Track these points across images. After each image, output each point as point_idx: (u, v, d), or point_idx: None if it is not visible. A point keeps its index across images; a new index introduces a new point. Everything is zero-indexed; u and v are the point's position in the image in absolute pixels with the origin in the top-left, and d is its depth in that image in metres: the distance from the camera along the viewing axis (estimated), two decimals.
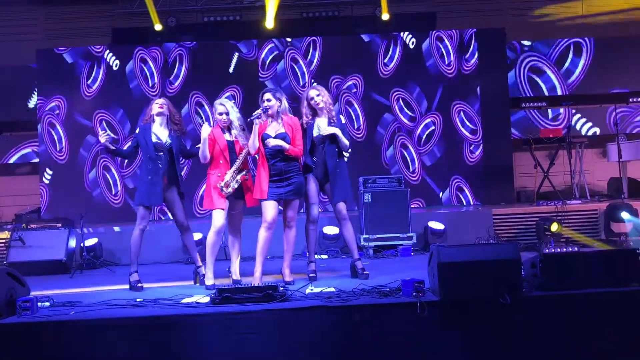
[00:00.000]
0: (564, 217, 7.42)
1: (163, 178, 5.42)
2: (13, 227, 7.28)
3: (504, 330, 4.17)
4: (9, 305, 4.29)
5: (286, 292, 4.44)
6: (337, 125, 5.43)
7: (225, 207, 5.36)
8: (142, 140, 5.43)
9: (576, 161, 8.62)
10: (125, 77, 9.12)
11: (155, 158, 5.39)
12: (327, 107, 5.46)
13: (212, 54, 9.24)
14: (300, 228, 5.49)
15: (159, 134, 5.46)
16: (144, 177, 5.41)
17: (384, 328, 4.18)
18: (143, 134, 5.45)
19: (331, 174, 5.44)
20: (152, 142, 5.39)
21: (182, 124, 5.65)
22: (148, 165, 5.40)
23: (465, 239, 7.10)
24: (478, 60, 9.17)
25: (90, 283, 5.98)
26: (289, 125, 5.29)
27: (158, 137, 5.44)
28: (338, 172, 5.43)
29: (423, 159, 9.08)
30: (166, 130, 5.50)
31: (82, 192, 8.80)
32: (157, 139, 5.43)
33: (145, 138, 5.42)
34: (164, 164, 5.43)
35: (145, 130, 5.46)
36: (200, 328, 4.16)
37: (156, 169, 5.38)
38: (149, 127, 5.46)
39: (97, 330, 4.15)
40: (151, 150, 5.38)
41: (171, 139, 5.48)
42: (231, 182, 5.33)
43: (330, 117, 5.46)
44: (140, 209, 5.42)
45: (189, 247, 5.74)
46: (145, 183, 5.40)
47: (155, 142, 5.41)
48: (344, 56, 9.16)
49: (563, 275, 4.34)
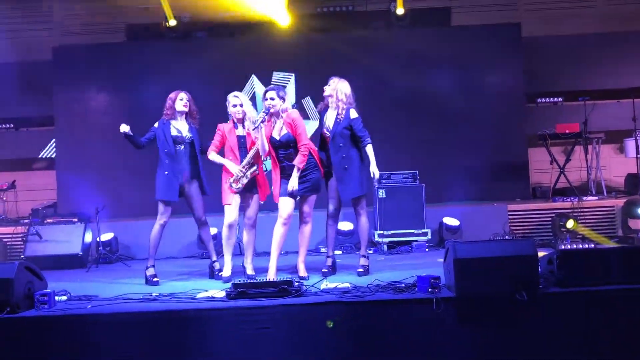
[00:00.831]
0: (580, 214, 7.36)
1: (183, 172, 5.43)
2: (30, 222, 7.35)
3: (520, 327, 4.15)
4: (27, 298, 4.34)
5: (301, 287, 4.45)
6: (344, 120, 5.39)
7: (234, 202, 5.39)
8: (160, 135, 5.45)
9: (592, 157, 8.52)
10: (141, 71, 9.12)
11: (173, 153, 5.40)
12: (337, 102, 5.43)
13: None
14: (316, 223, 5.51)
15: (180, 127, 5.50)
16: (162, 173, 5.43)
17: (399, 324, 4.17)
18: (162, 128, 5.47)
19: (335, 170, 5.42)
20: (172, 137, 5.42)
21: (197, 119, 5.66)
22: (165, 161, 5.42)
23: (480, 235, 7.05)
24: (494, 55, 9.08)
25: (106, 277, 6.02)
26: (289, 124, 5.26)
27: (179, 130, 5.48)
28: (345, 168, 5.38)
29: None
30: (186, 124, 5.53)
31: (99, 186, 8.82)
32: (177, 132, 5.46)
33: (165, 133, 5.45)
34: (185, 158, 5.45)
35: (164, 125, 5.49)
36: (216, 322, 4.18)
37: (173, 164, 5.40)
38: (169, 122, 5.48)
39: (114, 324, 4.19)
40: (170, 145, 5.40)
41: (192, 133, 5.50)
42: (241, 178, 5.35)
43: (339, 112, 5.43)
44: (160, 204, 5.45)
45: (205, 242, 5.77)
46: (162, 178, 5.42)
47: (175, 136, 5.44)
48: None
49: (580, 272, 4.31)
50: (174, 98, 5.52)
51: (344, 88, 5.47)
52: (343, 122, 5.39)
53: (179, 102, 5.49)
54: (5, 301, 4.18)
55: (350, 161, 5.41)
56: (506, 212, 7.56)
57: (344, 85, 5.49)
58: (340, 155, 5.40)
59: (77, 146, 8.96)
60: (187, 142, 5.47)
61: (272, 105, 5.22)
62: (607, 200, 7.80)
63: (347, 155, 5.41)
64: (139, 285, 5.33)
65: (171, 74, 8.92)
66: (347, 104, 5.43)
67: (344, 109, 5.42)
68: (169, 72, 8.97)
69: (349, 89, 5.51)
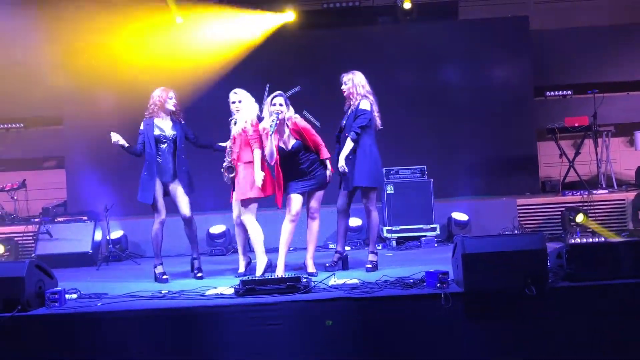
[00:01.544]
0: (590, 207, 7.32)
1: (166, 171, 5.41)
2: (40, 221, 7.41)
3: (529, 322, 4.14)
4: (38, 297, 4.38)
5: (309, 283, 4.46)
6: (354, 111, 5.38)
7: (234, 199, 5.55)
8: (145, 136, 5.43)
9: (602, 150, 8.47)
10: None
11: (154, 154, 5.38)
12: (356, 95, 5.42)
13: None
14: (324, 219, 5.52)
15: (163, 126, 5.46)
16: (142, 173, 5.43)
17: (408, 319, 4.17)
18: (146, 129, 5.44)
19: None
20: (155, 136, 5.40)
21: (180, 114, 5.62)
22: (146, 161, 5.42)
23: (489, 229, 7.04)
24: (502, 48, 9.03)
25: (116, 275, 6.06)
26: (295, 131, 5.27)
27: (162, 129, 5.44)
28: (350, 158, 5.34)
29: None
30: (170, 122, 5.50)
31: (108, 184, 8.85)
32: (160, 131, 5.43)
33: (147, 133, 5.42)
34: (169, 157, 5.43)
35: (148, 125, 5.45)
36: (225, 319, 4.19)
37: (151, 164, 5.38)
38: (152, 121, 5.45)
39: (124, 321, 4.22)
40: (152, 146, 5.38)
41: (175, 130, 5.47)
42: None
43: (353, 103, 5.43)
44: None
45: (188, 239, 5.68)
46: (141, 179, 5.42)
47: (158, 135, 5.41)
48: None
49: (590, 266, 4.28)
50: (164, 97, 5.45)
51: (359, 80, 5.47)
52: (352, 113, 5.41)
53: (169, 102, 5.47)
54: (17, 299, 4.21)
55: (355, 153, 5.38)
56: (515, 207, 7.53)
57: (359, 77, 5.49)
58: (341, 149, 5.42)
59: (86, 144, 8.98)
60: (170, 140, 5.44)
61: (282, 111, 5.20)
62: (617, 194, 7.75)
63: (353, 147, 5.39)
64: (149, 282, 5.35)
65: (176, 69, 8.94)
66: (362, 95, 5.42)
67: (358, 101, 5.42)
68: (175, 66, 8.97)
69: (364, 79, 5.51)
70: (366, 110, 5.37)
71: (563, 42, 9.28)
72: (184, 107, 5.76)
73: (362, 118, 5.34)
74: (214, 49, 9.00)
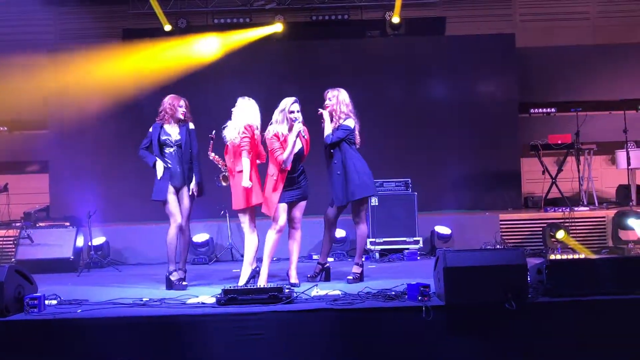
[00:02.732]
0: (572, 224, 7.39)
1: (175, 175, 5.45)
2: (22, 225, 7.34)
3: (509, 336, 4.17)
4: (17, 302, 4.33)
5: (291, 294, 4.46)
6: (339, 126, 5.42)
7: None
8: (153, 140, 5.50)
9: (584, 167, 8.57)
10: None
11: (159, 156, 5.46)
12: (339, 113, 5.46)
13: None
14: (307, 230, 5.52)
15: (170, 131, 5.51)
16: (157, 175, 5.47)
17: (389, 331, 4.18)
18: (153, 132, 5.52)
19: (329, 175, 5.50)
20: (161, 140, 5.47)
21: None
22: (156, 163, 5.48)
23: (471, 244, 7.09)
24: (488, 65, 9.14)
25: (97, 282, 6.01)
26: (303, 138, 5.37)
27: (168, 134, 5.49)
28: (338, 174, 5.41)
29: None
30: (177, 128, 5.54)
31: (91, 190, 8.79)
32: (167, 135, 5.48)
33: (153, 136, 5.50)
34: (174, 161, 5.47)
35: (155, 128, 5.53)
36: (206, 328, 4.18)
37: (163, 166, 5.44)
38: (159, 126, 5.52)
39: (104, 329, 4.18)
40: (156, 149, 5.47)
41: (181, 136, 5.51)
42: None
43: (336, 122, 5.46)
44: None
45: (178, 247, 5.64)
46: (155, 180, 5.46)
47: (164, 140, 5.47)
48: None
49: (569, 282, 4.33)
50: (176, 105, 5.52)
51: (344, 98, 5.52)
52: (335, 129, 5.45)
53: (179, 110, 5.52)
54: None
55: (331, 168, 5.46)
56: (498, 222, 7.60)
57: (343, 95, 5.54)
58: (333, 162, 5.45)
59: (71, 149, 8.93)
60: (175, 145, 5.48)
61: (298, 117, 5.28)
62: (598, 211, 7.84)
63: (330, 162, 5.47)
64: (130, 289, 5.32)
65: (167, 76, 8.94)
66: (346, 114, 5.46)
67: (341, 119, 5.45)
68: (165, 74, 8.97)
69: (348, 97, 5.56)
70: (349, 127, 5.43)
71: (548, 60, 9.42)
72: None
73: (342, 131, 5.40)
74: (203, 59, 9.04)
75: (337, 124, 5.44)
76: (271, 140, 5.28)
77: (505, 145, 9.07)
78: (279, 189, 5.28)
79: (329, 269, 5.68)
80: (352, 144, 5.46)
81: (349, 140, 5.43)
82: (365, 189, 5.40)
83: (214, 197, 6.23)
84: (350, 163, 5.40)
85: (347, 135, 5.41)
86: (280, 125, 5.30)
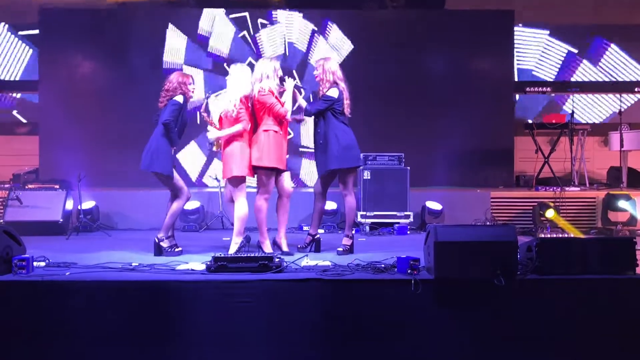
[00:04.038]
0: (562, 204, 7.43)
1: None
2: (11, 187, 7.27)
3: (496, 311, 4.20)
4: (5, 263, 4.31)
5: (282, 263, 4.46)
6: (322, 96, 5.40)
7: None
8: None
9: (577, 148, 8.59)
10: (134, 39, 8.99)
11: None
12: (325, 81, 5.42)
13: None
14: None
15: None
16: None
17: (377, 303, 4.20)
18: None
19: (314, 145, 5.52)
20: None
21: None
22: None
23: (462, 220, 7.11)
24: (486, 41, 9.06)
25: (86, 246, 5.98)
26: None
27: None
28: (321, 143, 5.40)
29: None
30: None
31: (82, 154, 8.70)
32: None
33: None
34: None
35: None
36: (195, 295, 4.18)
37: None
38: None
39: (91, 292, 4.17)
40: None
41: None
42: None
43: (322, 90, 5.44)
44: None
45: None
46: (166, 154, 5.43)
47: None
48: None
49: (558, 260, 4.36)
50: (187, 81, 5.44)
51: (330, 66, 5.45)
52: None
53: (190, 87, 5.47)
54: None
55: (315, 138, 5.44)
56: (489, 199, 7.62)
57: (330, 63, 5.48)
58: (317, 131, 5.43)
59: (62, 112, 8.82)
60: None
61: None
62: (589, 192, 7.88)
63: (315, 131, 5.45)
64: (119, 254, 5.29)
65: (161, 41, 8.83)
66: (331, 82, 5.40)
67: (326, 88, 5.40)
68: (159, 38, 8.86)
69: (336, 66, 5.50)
70: (331, 97, 5.36)
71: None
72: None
73: (322, 102, 5.35)
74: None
75: (321, 93, 5.40)
76: (267, 96, 5.22)
77: (499, 122, 9.06)
78: (284, 145, 5.31)
79: (319, 240, 5.68)
80: (339, 114, 5.38)
81: (334, 110, 5.36)
82: (343, 160, 5.34)
83: (207, 164, 6.20)
84: (332, 134, 5.34)
85: (329, 106, 5.34)
86: (270, 81, 5.26)
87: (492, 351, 4.18)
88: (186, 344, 4.12)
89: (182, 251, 5.40)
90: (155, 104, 5.50)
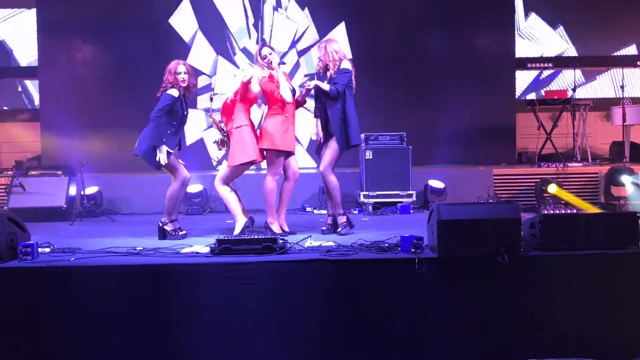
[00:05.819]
0: (565, 180, 7.42)
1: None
2: (13, 174, 7.28)
3: (500, 289, 4.21)
4: (10, 249, 4.32)
5: (285, 244, 4.46)
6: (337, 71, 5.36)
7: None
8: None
9: (579, 124, 8.55)
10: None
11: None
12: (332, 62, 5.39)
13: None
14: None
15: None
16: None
17: (381, 283, 4.21)
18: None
19: (332, 124, 5.44)
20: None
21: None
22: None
23: (465, 198, 7.10)
24: (486, 16, 8.98)
25: (90, 231, 6.01)
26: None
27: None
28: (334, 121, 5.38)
29: None
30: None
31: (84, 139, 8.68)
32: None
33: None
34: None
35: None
36: (200, 277, 4.19)
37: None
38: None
39: (97, 277, 4.19)
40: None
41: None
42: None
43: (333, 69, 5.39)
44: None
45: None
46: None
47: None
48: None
49: (562, 236, 4.35)
50: (173, 71, 5.37)
51: (332, 47, 5.43)
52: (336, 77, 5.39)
53: (178, 77, 5.37)
54: None
55: (345, 112, 5.36)
56: (491, 176, 7.61)
57: (331, 44, 5.46)
58: (335, 107, 5.35)
59: (63, 97, 8.79)
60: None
61: (274, 59, 5.39)
62: (592, 167, 7.87)
63: (341, 107, 5.35)
64: (124, 239, 5.32)
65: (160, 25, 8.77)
66: (340, 57, 5.39)
67: (337, 65, 5.37)
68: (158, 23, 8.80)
69: (338, 45, 5.49)
70: (348, 69, 5.35)
71: (547, 13, 9.28)
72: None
73: (343, 77, 5.31)
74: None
75: (335, 70, 5.36)
76: (267, 83, 5.27)
77: (501, 99, 9.02)
78: (291, 129, 5.35)
79: (337, 220, 5.59)
80: (351, 89, 5.40)
81: (349, 84, 5.37)
82: (359, 136, 5.46)
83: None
84: (350, 109, 5.35)
85: (350, 77, 5.35)
86: (263, 71, 5.32)
87: (496, 327, 4.20)
88: (190, 327, 4.14)
89: (186, 234, 5.42)
90: (158, 87, 5.46)
